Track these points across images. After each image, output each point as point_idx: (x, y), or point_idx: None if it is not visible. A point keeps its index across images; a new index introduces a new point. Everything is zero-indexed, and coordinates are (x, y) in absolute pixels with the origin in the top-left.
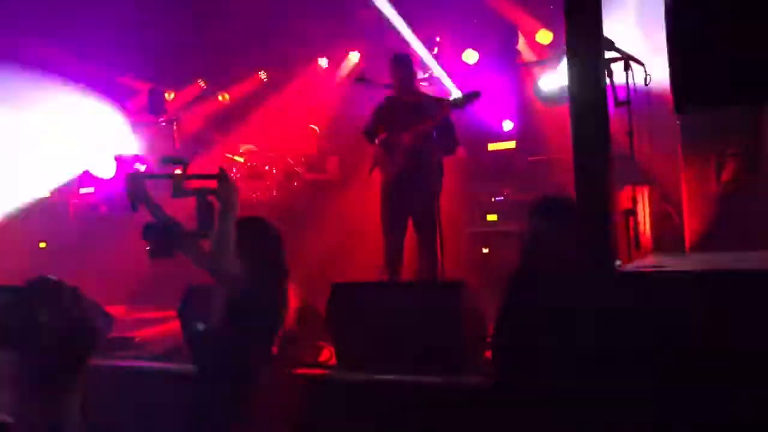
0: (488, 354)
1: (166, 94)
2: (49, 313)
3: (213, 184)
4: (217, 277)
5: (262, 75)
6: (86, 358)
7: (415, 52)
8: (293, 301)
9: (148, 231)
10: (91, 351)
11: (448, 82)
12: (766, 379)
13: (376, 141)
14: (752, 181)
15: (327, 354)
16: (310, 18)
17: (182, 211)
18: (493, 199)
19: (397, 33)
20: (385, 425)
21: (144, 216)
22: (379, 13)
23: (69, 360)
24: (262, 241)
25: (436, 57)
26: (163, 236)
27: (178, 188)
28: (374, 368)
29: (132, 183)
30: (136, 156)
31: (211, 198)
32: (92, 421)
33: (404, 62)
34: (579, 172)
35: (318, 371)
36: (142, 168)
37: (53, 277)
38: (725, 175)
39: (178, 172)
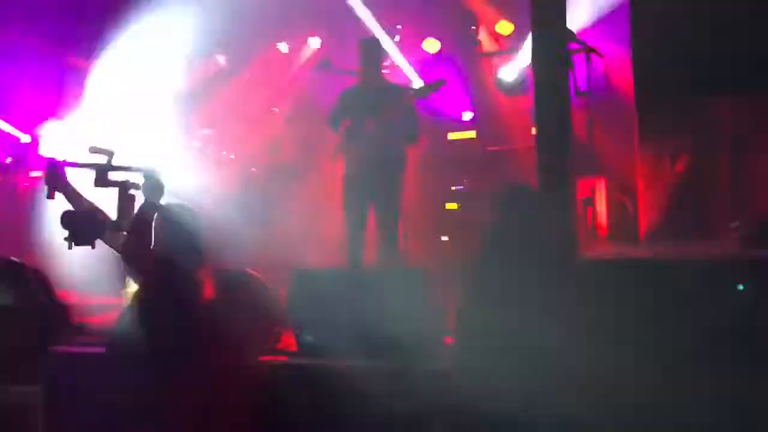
0: (449, 340)
1: None
2: (16, 296)
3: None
4: (129, 268)
5: (220, 59)
6: (56, 340)
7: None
8: (209, 288)
9: (67, 219)
10: (61, 332)
11: (409, 71)
12: (710, 358)
13: (340, 129)
14: (705, 172)
15: (287, 341)
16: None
17: None
18: (452, 188)
19: (360, 20)
20: (345, 411)
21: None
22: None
23: (37, 341)
24: (184, 227)
25: (397, 45)
26: (82, 225)
27: (100, 178)
28: (334, 354)
29: (50, 170)
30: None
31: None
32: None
33: (373, 47)
34: (542, 161)
35: (278, 358)
36: None
37: (16, 259)
38: (679, 167)
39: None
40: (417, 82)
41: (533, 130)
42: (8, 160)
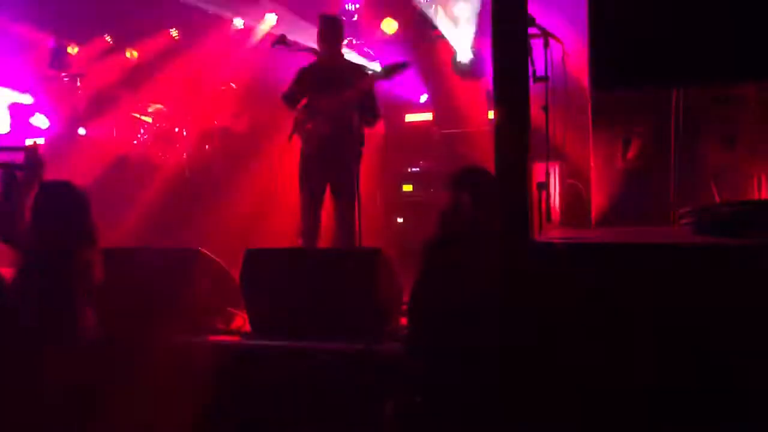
0: (403, 321)
1: (69, 48)
2: None
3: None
4: (12, 247)
5: (173, 32)
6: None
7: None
8: (98, 269)
9: None
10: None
11: (364, 52)
12: (659, 340)
13: (298, 106)
14: (656, 159)
15: (240, 321)
16: None
17: None
18: (409, 170)
19: None
20: (299, 392)
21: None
22: None
23: None
24: (65, 207)
25: (355, 24)
26: None
27: None
28: (288, 335)
29: None
30: (32, 106)
31: (17, 171)
32: None
33: (334, 24)
34: (499, 144)
35: (231, 338)
36: (43, 120)
37: None
38: (631, 153)
39: None
40: (376, 64)
41: (490, 114)
42: None
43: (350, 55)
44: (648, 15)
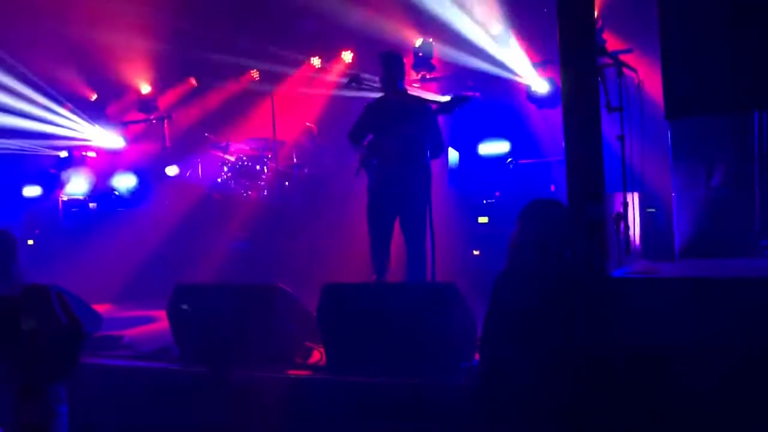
0: (477, 356)
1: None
2: (39, 321)
3: None
4: None
5: (254, 74)
6: (76, 361)
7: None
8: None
9: None
10: (79, 354)
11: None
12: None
13: (364, 143)
14: (739, 186)
15: (317, 356)
16: (302, 16)
17: None
18: (484, 201)
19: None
20: (374, 427)
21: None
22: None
23: (59, 363)
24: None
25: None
26: None
27: None
28: (364, 370)
29: None
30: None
31: None
32: (80, 420)
33: (392, 61)
34: (572, 177)
35: (308, 373)
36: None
37: (40, 285)
38: (714, 181)
39: None
40: (443, 97)
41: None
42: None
43: (417, 90)
44: (721, 39)
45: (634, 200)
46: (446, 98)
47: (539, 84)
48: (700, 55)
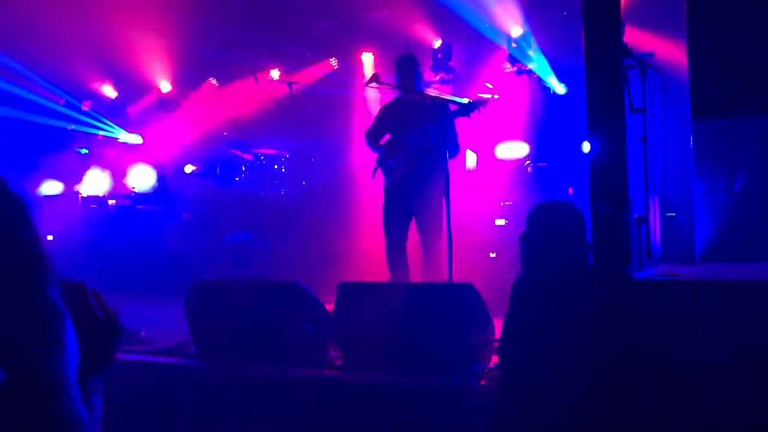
0: (495, 358)
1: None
2: (77, 316)
3: None
4: None
5: (274, 73)
6: (113, 355)
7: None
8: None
9: None
10: (116, 348)
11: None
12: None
13: (381, 142)
14: (763, 190)
15: (333, 354)
16: (321, 17)
17: None
18: (502, 204)
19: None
20: (391, 427)
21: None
22: None
23: (97, 357)
24: None
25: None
26: None
27: None
28: (380, 369)
29: None
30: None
31: None
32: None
33: (407, 63)
34: (595, 179)
35: (324, 371)
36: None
37: (76, 281)
38: (737, 186)
39: None
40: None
41: (585, 146)
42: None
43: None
44: (749, 41)
45: (655, 204)
46: (464, 100)
47: (558, 86)
48: (729, 55)
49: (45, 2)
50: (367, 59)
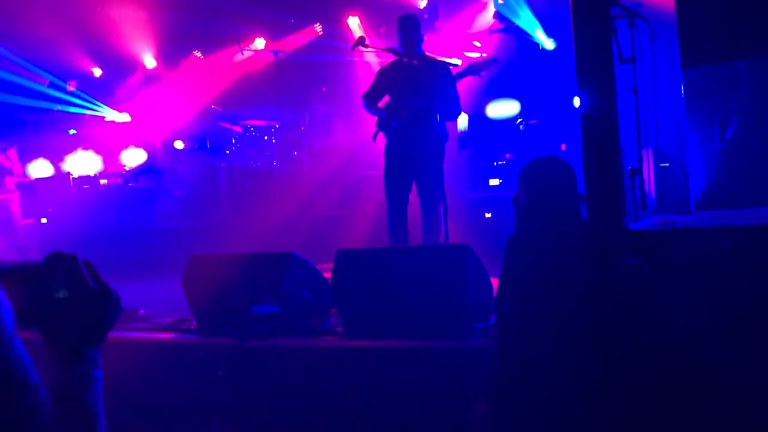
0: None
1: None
2: (69, 289)
3: None
4: None
5: (259, 42)
6: (110, 325)
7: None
8: None
9: None
10: (112, 318)
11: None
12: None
13: (379, 104)
14: (756, 137)
15: (334, 321)
16: None
17: None
18: (495, 163)
19: None
20: (393, 391)
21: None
22: None
23: (93, 328)
24: None
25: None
26: None
27: None
28: (380, 334)
29: None
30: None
31: None
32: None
33: (411, 23)
34: (586, 131)
35: (324, 339)
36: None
37: (65, 253)
38: (729, 132)
39: None
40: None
41: (576, 101)
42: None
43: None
44: None
45: (648, 155)
46: (458, 61)
47: (547, 41)
48: (717, 1)
49: None
50: (353, 23)
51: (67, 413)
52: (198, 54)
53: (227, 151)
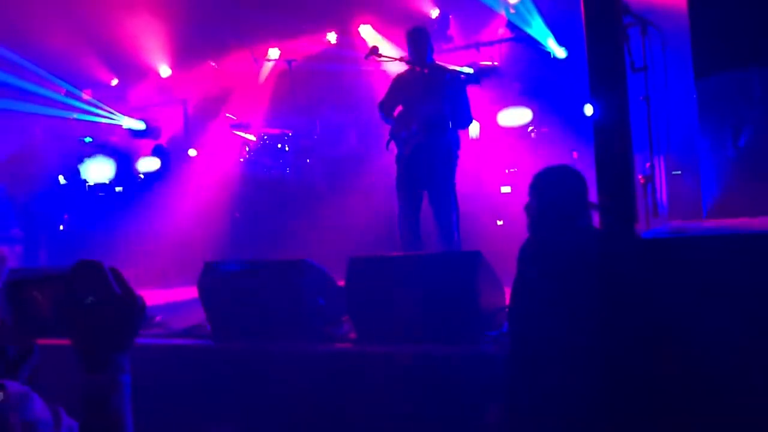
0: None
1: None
2: (96, 295)
3: None
4: None
5: (273, 52)
6: (136, 331)
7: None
8: None
9: None
10: (138, 323)
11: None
12: None
13: (394, 114)
14: None
15: (347, 328)
16: None
17: None
18: (506, 171)
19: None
20: (406, 397)
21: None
22: None
23: (120, 334)
24: None
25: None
26: None
27: None
28: (394, 340)
29: None
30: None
31: None
32: None
33: (420, 35)
34: (599, 139)
35: (338, 345)
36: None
37: (92, 260)
38: (742, 140)
39: None
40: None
41: (588, 109)
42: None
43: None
44: None
45: (660, 163)
46: (470, 70)
47: (558, 50)
48: (729, 7)
49: None
50: (366, 32)
51: (96, 418)
52: (213, 64)
53: (241, 159)
